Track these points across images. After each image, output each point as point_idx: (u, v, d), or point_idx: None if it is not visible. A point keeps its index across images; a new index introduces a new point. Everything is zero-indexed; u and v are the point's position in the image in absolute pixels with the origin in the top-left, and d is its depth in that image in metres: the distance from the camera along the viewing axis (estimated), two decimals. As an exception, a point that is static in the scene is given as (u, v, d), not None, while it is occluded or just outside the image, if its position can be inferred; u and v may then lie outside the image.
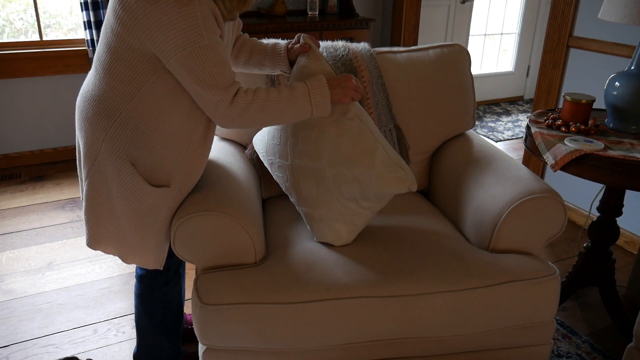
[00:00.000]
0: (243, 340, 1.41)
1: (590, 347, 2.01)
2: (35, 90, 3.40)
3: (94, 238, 1.46)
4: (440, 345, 1.54)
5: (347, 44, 1.95)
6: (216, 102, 1.29)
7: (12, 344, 1.96)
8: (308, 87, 1.39)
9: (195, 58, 1.23)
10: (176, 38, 1.21)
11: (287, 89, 1.38)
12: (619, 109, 1.85)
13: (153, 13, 1.19)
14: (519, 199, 1.54)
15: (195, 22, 1.21)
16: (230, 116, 1.32)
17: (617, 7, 1.73)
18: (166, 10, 1.19)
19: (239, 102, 1.31)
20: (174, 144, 1.38)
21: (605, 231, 1.99)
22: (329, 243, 1.58)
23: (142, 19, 1.20)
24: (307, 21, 3.56)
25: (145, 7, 1.19)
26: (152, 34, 1.22)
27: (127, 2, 1.21)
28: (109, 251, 1.49)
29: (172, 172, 1.41)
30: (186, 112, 1.37)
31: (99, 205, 1.42)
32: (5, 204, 2.99)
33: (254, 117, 1.34)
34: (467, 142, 1.96)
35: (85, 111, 1.36)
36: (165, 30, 1.20)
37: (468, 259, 1.53)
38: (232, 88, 1.30)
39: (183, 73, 1.26)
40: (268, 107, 1.34)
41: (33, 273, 2.38)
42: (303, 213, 1.61)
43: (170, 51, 1.23)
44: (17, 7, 3.45)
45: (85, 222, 1.46)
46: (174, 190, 1.42)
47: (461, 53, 1.99)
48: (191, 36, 1.21)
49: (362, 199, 1.50)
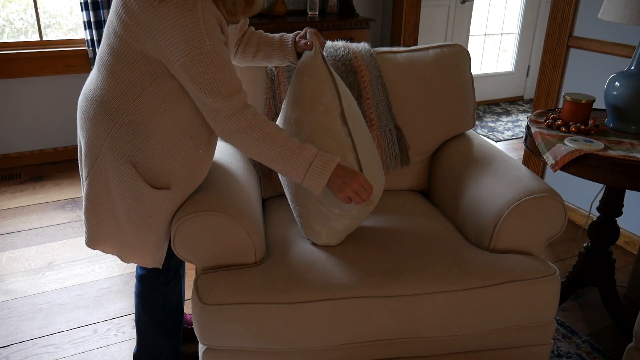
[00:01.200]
0: (243, 340, 1.41)
1: (590, 347, 2.01)
2: (35, 90, 3.40)
3: (94, 237, 1.47)
4: (440, 345, 1.54)
5: (347, 44, 1.95)
6: (216, 110, 1.28)
7: (12, 344, 1.96)
8: (316, 157, 1.32)
9: (198, 64, 1.22)
10: (179, 44, 1.21)
11: (298, 143, 1.32)
12: (619, 109, 1.85)
13: (156, 18, 1.19)
14: (519, 199, 1.54)
15: (197, 28, 1.20)
16: (228, 129, 1.30)
17: (617, 7, 1.73)
18: (169, 16, 1.18)
19: (242, 118, 1.28)
20: (176, 146, 1.38)
21: (605, 231, 1.99)
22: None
23: (145, 23, 1.20)
24: (307, 21, 3.56)
25: (148, 12, 1.19)
26: (155, 39, 1.21)
27: (130, 7, 1.21)
28: (108, 250, 1.49)
29: (173, 175, 1.41)
30: (188, 115, 1.37)
31: (99, 204, 1.42)
32: (5, 204, 2.99)
33: (248, 143, 1.30)
34: (467, 142, 1.96)
35: (87, 111, 1.36)
36: (168, 35, 1.20)
37: (468, 259, 1.53)
38: (236, 98, 1.28)
39: (186, 78, 1.25)
40: (266, 144, 1.30)
41: (33, 273, 2.38)
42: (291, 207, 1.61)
43: (173, 56, 1.22)
44: (17, 7, 3.45)
45: (85, 222, 1.46)
46: (174, 192, 1.42)
47: (461, 53, 1.99)
48: (194, 42, 1.21)
49: (330, 205, 1.44)
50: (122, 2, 1.23)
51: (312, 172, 1.33)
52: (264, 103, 1.87)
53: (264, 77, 1.87)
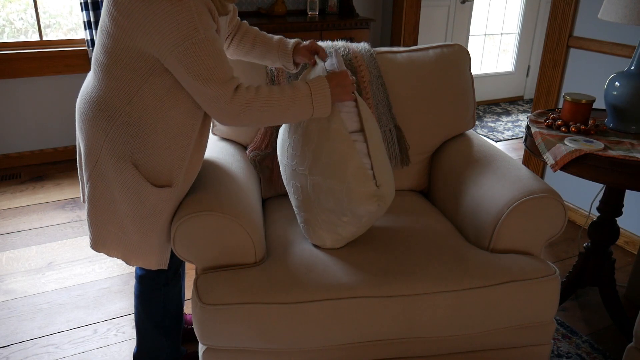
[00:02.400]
0: (243, 340, 1.41)
1: (590, 347, 2.01)
2: (35, 90, 3.40)
3: (98, 240, 1.46)
4: (440, 345, 1.54)
5: (347, 44, 1.95)
6: (215, 97, 1.28)
7: (12, 344, 1.96)
8: (310, 87, 1.38)
9: (192, 53, 1.23)
10: (172, 34, 1.21)
11: (290, 89, 1.37)
12: (619, 109, 1.85)
13: (147, 11, 1.19)
14: (519, 199, 1.54)
15: (190, 17, 1.20)
16: (231, 112, 1.31)
17: (617, 7, 1.73)
18: (160, 7, 1.18)
19: (240, 98, 1.30)
20: (175, 143, 1.38)
21: (605, 231, 1.99)
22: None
23: (136, 17, 1.20)
24: (307, 21, 3.56)
25: (139, 5, 1.19)
26: (147, 32, 1.21)
27: (120, 3, 1.21)
28: (113, 254, 1.49)
29: (174, 172, 1.41)
30: (185, 110, 1.37)
31: (102, 208, 1.42)
32: (5, 204, 2.99)
33: (255, 114, 1.33)
34: (467, 142, 1.96)
35: (85, 113, 1.36)
36: (161, 26, 1.20)
37: (468, 259, 1.53)
38: (231, 82, 1.30)
39: (180, 69, 1.26)
40: (270, 106, 1.34)
41: (33, 273, 2.38)
42: (295, 212, 1.61)
43: (166, 48, 1.22)
44: (17, 7, 3.45)
45: (89, 225, 1.46)
46: (176, 190, 1.42)
47: (461, 53, 1.99)
48: (187, 31, 1.21)
49: (340, 213, 1.46)
50: (113, 1, 1.23)
51: (316, 100, 1.38)
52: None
53: (264, 77, 1.87)
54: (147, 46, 1.24)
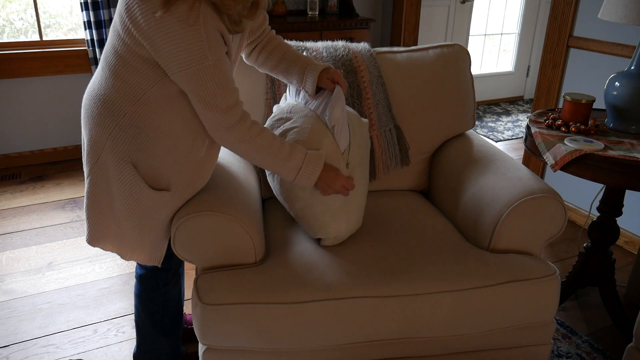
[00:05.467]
0: (243, 340, 1.41)
1: (590, 347, 2.01)
2: (35, 90, 3.40)
3: (94, 235, 1.47)
4: (440, 345, 1.54)
5: (347, 44, 1.95)
6: (215, 123, 1.32)
7: (12, 344, 1.96)
8: (304, 161, 1.42)
9: (198, 78, 1.25)
10: (181, 57, 1.22)
11: (288, 148, 1.40)
12: (619, 109, 1.85)
13: (159, 30, 1.20)
14: (519, 199, 1.54)
15: (200, 42, 1.21)
16: (227, 140, 1.35)
17: (617, 7, 1.73)
18: (172, 29, 1.19)
19: (241, 131, 1.34)
20: (176, 148, 1.38)
21: (605, 231, 1.99)
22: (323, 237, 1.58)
23: (148, 34, 1.21)
24: (307, 21, 3.56)
25: (151, 23, 1.20)
26: (157, 49, 1.23)
27: (134, 16, 1.21)
28: (108, 248, 1.50)
29: (173, 177, 1.41)
30: (189, 117, 1.37)
31: (100, 203, 1.42)
32: (5, 204, 2.99)
33: (249, 152, 1.38)
34: (467, 142, 1.96)
35: (91, 110, 1.37)
36: (171, 47, 1.21)
37: (468, 259, 1.53)
38: (234, 110, 1.31)
39: (187, 88, 1.29)
40: (264, 153, 1.38)
41: (33, 273, 2.38)
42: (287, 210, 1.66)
43: (174, 68, 1.25)
44: (17, 7, 3.45)
45: (86, 219, 1.47)
46: (174, 194, 1.42)
47: (461, 53, 1.99)
48: (195, 56, 1.22)
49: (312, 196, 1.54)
50: (126, 8, 1.23)
51: (302, 173, 1.43)
52: (264, 103, 1.87)
53: (264, 77, 1.87)
54: (156, 59, 1.26)
